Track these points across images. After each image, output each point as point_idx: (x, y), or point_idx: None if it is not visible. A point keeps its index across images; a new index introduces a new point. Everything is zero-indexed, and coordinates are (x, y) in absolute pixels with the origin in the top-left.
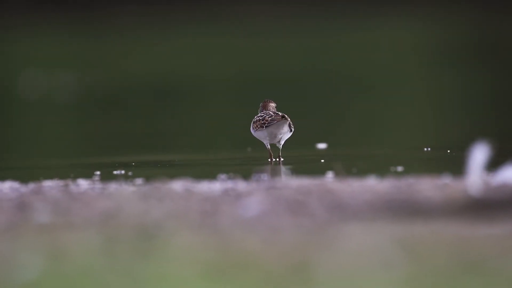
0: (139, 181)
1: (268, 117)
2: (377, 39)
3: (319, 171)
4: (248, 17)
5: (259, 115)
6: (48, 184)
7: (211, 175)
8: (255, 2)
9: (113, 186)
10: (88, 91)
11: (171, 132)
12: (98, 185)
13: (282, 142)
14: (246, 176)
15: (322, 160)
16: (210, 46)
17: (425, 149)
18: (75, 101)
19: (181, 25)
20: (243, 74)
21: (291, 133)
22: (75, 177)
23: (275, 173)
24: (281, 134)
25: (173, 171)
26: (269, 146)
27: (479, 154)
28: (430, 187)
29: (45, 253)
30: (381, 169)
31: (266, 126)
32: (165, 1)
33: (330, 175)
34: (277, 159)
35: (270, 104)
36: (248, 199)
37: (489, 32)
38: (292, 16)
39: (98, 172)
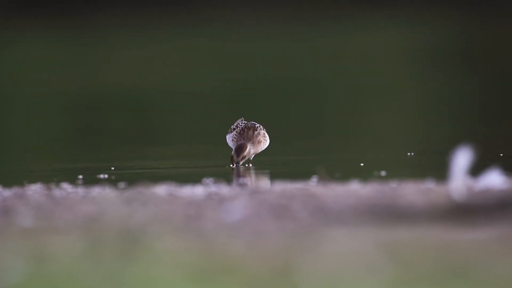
0: (122, 185)
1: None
2: (364, 43)
3: (303, 176)
4: (232, 22)
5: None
6: (31, 188)
7: (195, 179)
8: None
9: (96, 190)
10: (72, 95)
11: (156, 136)
12: (81, 189)
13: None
14: (229, 181)
15: (310, 164)
16: (192, 51)
17: (409, 153)
18: (60, 104)
19: (166, 29)
20: (227, 80)
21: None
22: (58, 181)
23: (258, 178)
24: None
25: (157, 175)
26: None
27: (463, 159)
28: (413, 191)
29: (29, 257)
30: (365, 174)
31: None
32: (155, 6)
33: (313, 179)
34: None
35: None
36: (231, 203)
37: (477, 36)
38: (275, 20)
39: (81, 176)
